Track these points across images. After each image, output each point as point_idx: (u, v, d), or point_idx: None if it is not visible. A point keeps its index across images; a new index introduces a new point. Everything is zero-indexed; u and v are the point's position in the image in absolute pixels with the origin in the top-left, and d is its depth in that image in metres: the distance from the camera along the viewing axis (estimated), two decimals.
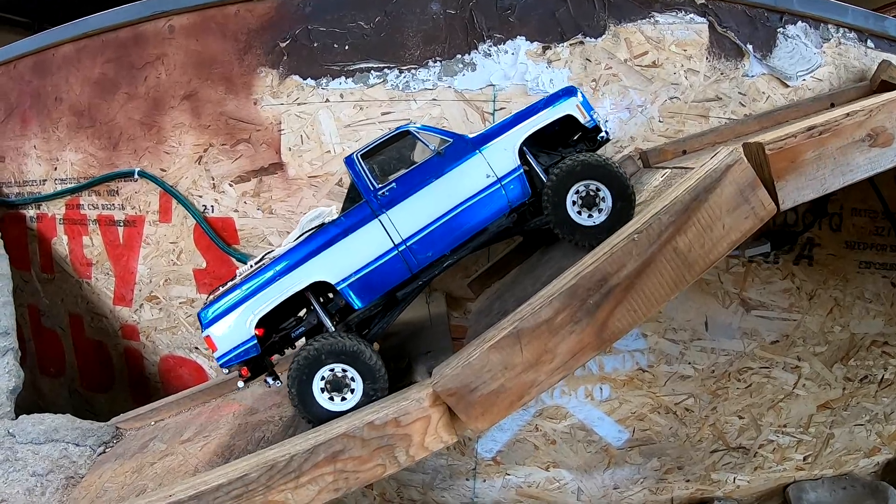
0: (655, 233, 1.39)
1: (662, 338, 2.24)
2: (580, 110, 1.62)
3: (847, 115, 1.48)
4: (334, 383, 1.52)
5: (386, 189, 1.55)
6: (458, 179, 1.56)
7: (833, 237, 2.32)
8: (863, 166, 1.51)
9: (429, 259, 1.57)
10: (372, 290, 1.56)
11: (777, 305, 2.30)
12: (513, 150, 1.57)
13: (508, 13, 2.21)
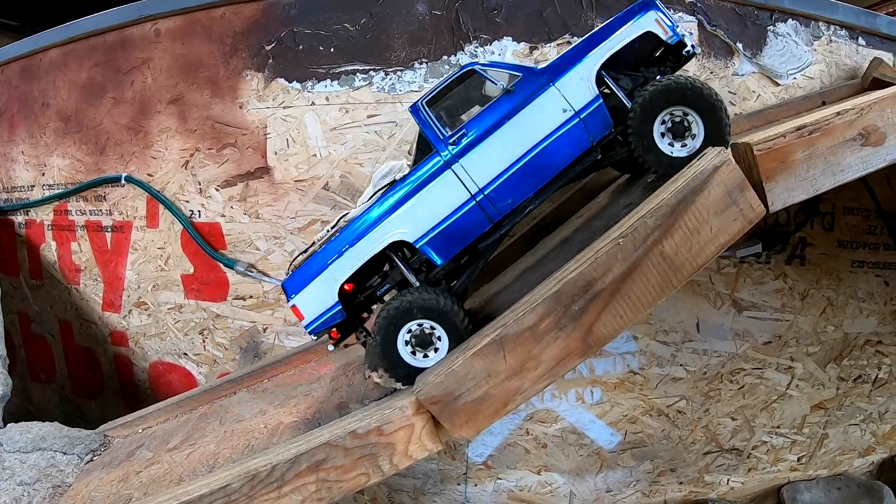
0: (641, 237, 1.37)
1: (654, 340, 2.24)
2: (661, 25, 1.50)
3: (838, 113, 1.47)
4: (420, 339, 1.49)
5: (456, 136, 1.48)
6: (532, 117, 1.47)
7: (825, 236, 2.31)
8: (854, 166, 1.50)
9: (509, 206, 1.50)
10: (452, 245, 1.51)
11: (769, 306, 2.29)
12: (589, 79, 1.47)
13: (495, 13, 2.20)
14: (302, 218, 2.29)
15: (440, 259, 1.51)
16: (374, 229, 1.51)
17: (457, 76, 1.53)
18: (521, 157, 1.47)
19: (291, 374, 2.20)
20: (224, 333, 2.44)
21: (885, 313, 2.49)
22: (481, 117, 1.48)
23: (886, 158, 1.53)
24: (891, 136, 1.52)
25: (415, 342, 1.50)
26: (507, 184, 1.48)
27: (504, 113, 1.47)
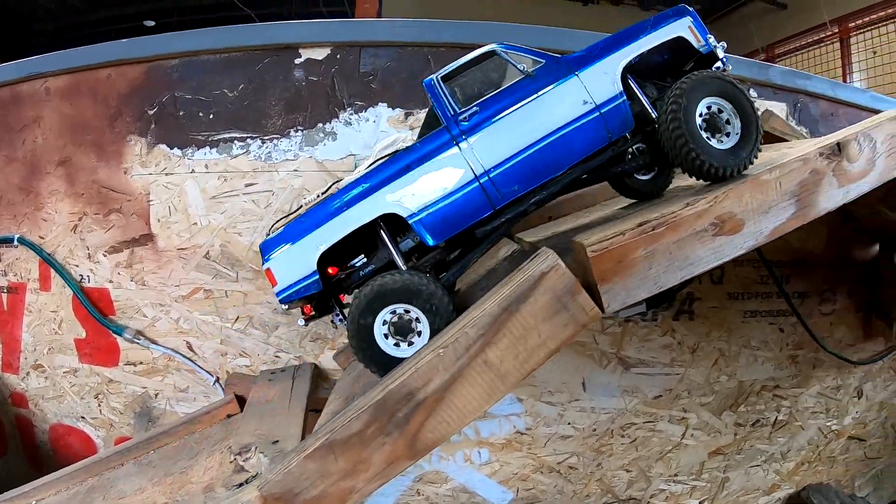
0: (462, 347, 1.37)
1: (539, 401, 2.26)
2: (693, 32, 1.48)
3: (687, 204, 1.42)
4: (399, 326, 1.39)
5: (468, 114, 1.41)
6: (551, 104, 1.41)
7: (714, 290, 2.32)
8: (706, 258, 1.45)
9: (514, 194, 1.42)
10: (447, 227, 1.41)
11: (658, 361, 2.31)
12: (614, 75, 1.43)
13: (370, 79, 2.19)
14: (186, 286, 2.30)
15: (433, 240, 1.41)
16: (368, 198, 1.41)
17: (476, 55, 1.48)
18: (534, 144, 1.41)
19: (176, 445, 2.22)
20: (118, 398, 2.45)
21: (781, 359, 2.51)
22: (497, 98, 1.42)
23: (743, 246, 1.49)
24: (750, 222, 1.51)
25: (393, 329, 1.40)
26: (515, 169, 1.41)
27: (522, 96, 1.41)
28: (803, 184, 1.53)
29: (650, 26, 1.49)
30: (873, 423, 2.87)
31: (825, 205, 1.58)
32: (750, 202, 1.49)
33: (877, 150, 1.62)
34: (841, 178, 1.58)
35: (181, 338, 2.33)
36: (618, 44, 1.46)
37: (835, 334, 2.62)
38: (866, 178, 1.62)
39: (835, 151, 1.56)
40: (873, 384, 2.81)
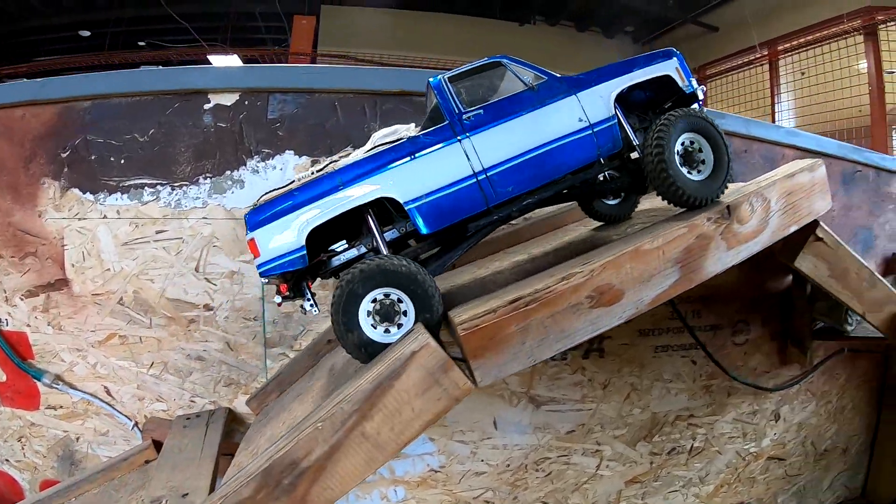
0: (339, 420, 1.41)
1: (451, 440, 2.30)
2: (679, 73, 1.63)
3: (563, 279, 1.45)
4: (384, 311, 1.40)
5: (472, 114, 1.50)
6: (549, 117, 1.53)
7: (624, 328, 2.35)
8: (582, 329, 1.49)
9: (508, 194, 1.50)
10: (442, 216, 1.46)
11: (569, 398, 2.36)
12: (608, 99, 1.57)
13: (277, 126, 2.19)
14: (101, 331, 2.30)
15: (426, 227, 1.46)
16: (367, 179, 1.44)
17: (483, 63, 1.58)
18: (531, 150, 1.51)
19: (96, 492, 2.24)
20: (41, 441, 2.46)
21: (694, 389, 2.57)
22: (501, 104, 1.52)
23: (623, 315, 1.54)
24: (630, 292, 1.53)
25: (378, 315, 1.40)
26: (511, 171, 1.50)
27: (524, 105, 1.52)
28: (689, 250, 1.57)
29: (643, 62, 1.63)
30: (792, 442, 2.95)
31: (713, 268, 1.62)
32: (630, 272, 1.52)
33: (771, 208, 1.67)
34: (730, 241, 1.62)
35: (99, 382, 2.34)
36: (614, 73, 1.59)
37: (749, 363, 2.69)
38: (759, 238, 1.66)
39: (724, 215, 1.60)
40: (790, 407, 2.89)
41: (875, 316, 2.13)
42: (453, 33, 9.73)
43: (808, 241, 1.88)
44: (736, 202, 1.60)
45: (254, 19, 8.92)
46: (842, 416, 3.13)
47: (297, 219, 1.43)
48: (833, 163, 2.95)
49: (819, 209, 1.75)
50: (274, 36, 9.41)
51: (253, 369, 2.26)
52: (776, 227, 1.67)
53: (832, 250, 1.94)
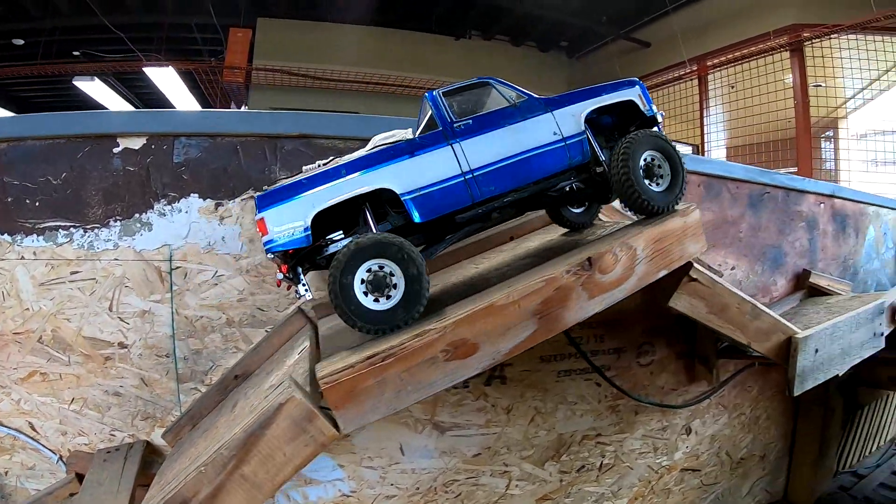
0: (220, 464, 1.51)
1: (360, 466, 2.37)
2: (641, 99, 1.87)
3: (417, 335, 1.52)
4: (376, 281, 1.54)
5: (462, 123, 1.72)
6: (528, 129, 1.75)
7: (525, 355, 2.42)
8: (439, 381, 1.56)
9: (491, 192, 1.70)
10: (433, 208, 1.66)
11: (473, 424, 2.43)
12: (580, 118, 1.80)
13: (182, 170, 2.25)
14: (23, 369, 2.36)
15: (419, 216, 1.64)
16: (370, 171, 1.64)
17: (472, 83, 1.80)
18: (512, 157, 1.73)
19: None
20: None
21: (600, 410, 2.65)
22: (488, 116, 1.75)
23: (479, 367, 1.60)
24: (485, 345, 1.59)
25: (371, 285, 1.54)
26: (494, 173, 1.71)
27: (507, 119, 1.75)
28: (547, 302, 1.63)
29: (610, 89, 1.87)
30: (706, 454, 3.04)
31: (574, 317, 1.69)
32: (484, 327, 1.58)
33: (637, 256, 1.73)
34: (593, 290, 1.68)
35: (24, 418, 2.40)
36: (585, 96, 1.84)
37: (656, 382, 2.77)
38: (624, 285, 1.73)
39: (585, 266, 1.66)
40: (702, 421, 2.97)
41: (762, 345, 2.20)
42: (389, 47, 9.74)
43: (681, 282, 1.94)
44: (598, 254, 1.66)
45: (190, 30, 8.79)
46: (756, 426, 3.23)
47: (302, 202, 1.60)
48: (741, 186, 3.02)
49: (692, 252, 1.81)
50: (210, 47, 9.26)
51: (168, 404, 2.32)
52: (643, 273, 1.73)
53: (708, 289, 2.00)
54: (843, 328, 2.46)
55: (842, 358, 2.47)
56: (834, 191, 3.45)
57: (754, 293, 3.13)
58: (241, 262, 2.27)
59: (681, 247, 1.77)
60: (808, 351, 2.26)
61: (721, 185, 2.94)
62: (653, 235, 1.72)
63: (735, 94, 7.92)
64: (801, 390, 2.28)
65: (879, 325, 2.66)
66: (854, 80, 7.27)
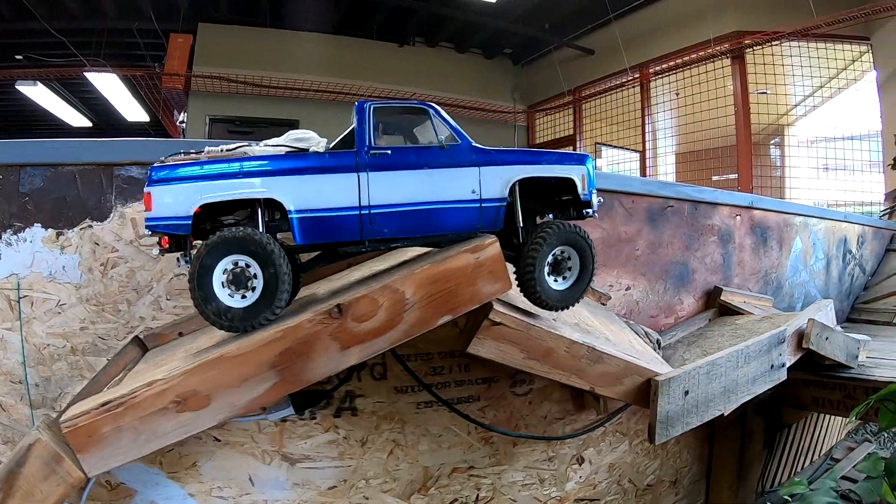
0: None
1: (210, 496, 2.28)
2: (583, 181, 1.69)
3: (147, 385, 1.46)
4: (236, 277, 1.46)
5: (380, 151, 1.55)
6: (446, 179, 1.58)
7: (378, 385, 2.29)
8: (174, 431, 1.49)
9: (382, 234, 1.57)
10: (318, 234, 1.53)
11: (325, 456, 2.30)
12: (507, 183, 1.61)
13: (27, 200, 2.19)
14: None
15: (300, 239, 1.52)
16: (266, 178, 1.51)
17: (412, 105, 1.65)
18: (418, 203, 1.56)
19: None
20: None
21: (471, 442, 2.47)
22: (408, 151, 1.58)
23: (216, 419, 1.51)
24: (218, 397, 1.50)
25: (231, 279, 1.47)
26: (394, 216, 1.56)
27: (428, 160, 1.57)
28: (287, 353, 1.49)
29: (554, 159, 1.68)
30: (605, 482, 2.81)
31: (324, 370, 1.55)
32: (215, 379, 1.48)
33: (407, 301, 1.55)
34: (346, 341, 1.53)
35: None
36: (522, 160, 1.64)
37: (537, 411, 2.56)
38: (389, 335, 1.56)
39: (333, 314, 1.50)
40: (596, 449, 2.74)
41: (611, 389, 1.96)
42: (331, 54, 9.42)
43: (480, 326, 1.70)
44: (351, 300, 1.50)
45: (132, 35, 8.48)
46: (664, 451, 2.96)
47: (192, 191, 1.48)
48: (637, 200, 2.74)
49: (488, 293, 1.61)
50: (153, 53, 8.92)
51: (24, 429, 2.29)
52: (416, 320, 1.55)
53: (519, 332, 1.74)
54: (726, 365, 2.18)
55: (725, 397, 2.19)
56: (752, 202, 3.10)
57: (656, 314, 2.85)
58: (82, 291, 2.21)
59: (471, 288, 1.57)
60: (672, 394, 2.01)
61: (613, 200, 2.68)
62: (427, 277, 1.53)
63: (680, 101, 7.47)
64: (667, 437, 2.03)
65: (779, 355, 2.35)
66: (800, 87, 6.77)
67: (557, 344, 1.81)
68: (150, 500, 2.26)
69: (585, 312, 2.30)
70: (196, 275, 1.45)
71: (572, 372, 1.86)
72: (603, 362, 1.90)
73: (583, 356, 1.85)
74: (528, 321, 1.75)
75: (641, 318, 2.85)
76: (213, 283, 1.46)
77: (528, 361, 1.79)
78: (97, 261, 2.18)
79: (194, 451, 2.24)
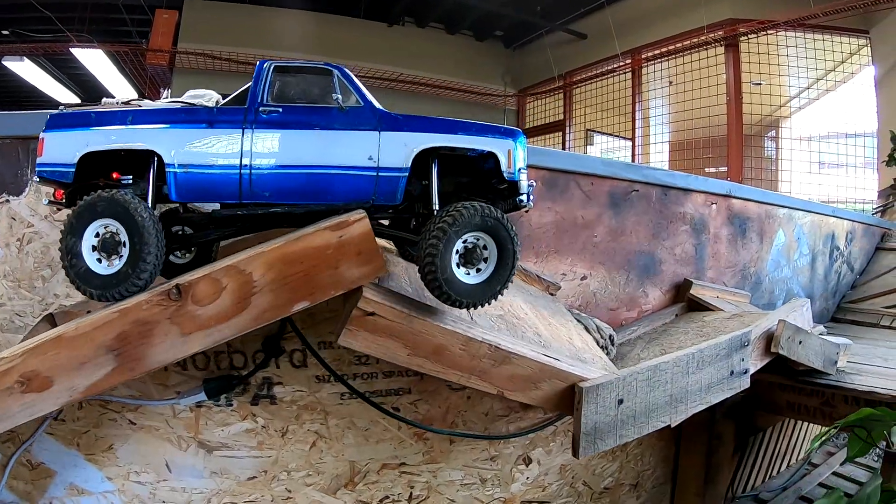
0: None
1: (128, 480, 2.10)
2: (509, 157, 1.43)
3: None
4: (105, 244, 1.34)
5: (270, 110, 1.41)
6: (341, 142, 1.41)
7: (297, 373, 2.09)
8: (21, 412, 1.34)
9: (263, 198, 1.40)
10: (194, 191, 1.40)
11: (243, 445, 2.10)
12: (410, 150, 1.40)
13: None
14: None
15: (174, 195, 1.39)
16: (149, 127, 1.39)
17: (315, 66, 1.49)
18: (307, 167, 1.39)
19: None
20: None
21: (402, 437, 2.25)
22: (302, 111, 1.42)
23: (58, 402, 1.35)
24: (61, 379, 1.33)
25: (101, 246, 1.34)
26: (277, 177, 1.39)
27: (324, 122, 1.41)
28: (123, 336, 1.31)
29: (474, 130, 1.45)
30: (556, 484, 2.57)
31: (165, 356, 1.35)
32: (56, 360, 1.30)
33: (254, 284, 1.35)
34: (187, 326, 1.33)
35: None
36: (433, 128, 1.43)
37: (477, 408, 2.33)
38: (235, 321, 1.35)
39: (172, 296, 1.31)
40: (545, 449, 2.50)
41: (526, 395, 1.69)
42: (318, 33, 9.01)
43: (351, 315, 1.43)
44: (191, 281, 1.30)
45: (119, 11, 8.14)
46: (624, 454, 2.70)
47: (79, 138, 1.40)
48: (597, 182, 2.49)
49: (354, 277, 1.40)
50: (139, 28, 8.55)
51: None
52: (267, 305, 1.34)
53: (400, 325, 1.46)
54: (672, 370, 1.91)
55: (671, 407, 1.92)
56: (730, 190, 2.82)
57: (616, 306, 2.60)
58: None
59: (333, 271, 1.35)
60: (602, 403, 1.74)
61: (569, 181, 2.43)
62: (280, 256, 1.32)
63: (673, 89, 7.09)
64: (593, 451, 1.76)
65: (740, 360, 2.08)
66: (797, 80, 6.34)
67: (449, 340, 1.52)
68: (69, 482, 2.09)
69: (520, 302, 2.06)
70: (65, 236, 1.32)
71: (472, 373, 1.58)
72: (511, 363, 1.61)
73: (484, 356, 1.57)
74: (410, 312, 1.46)
75: (599, 312, 2.60)
76: (83, 246, 1.33)
77: (414, 359, 1.51)
78: (13, 236, 2.02)
79: (110, 434, 2.07)
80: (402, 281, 1.70)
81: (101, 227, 1.34)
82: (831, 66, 6.47)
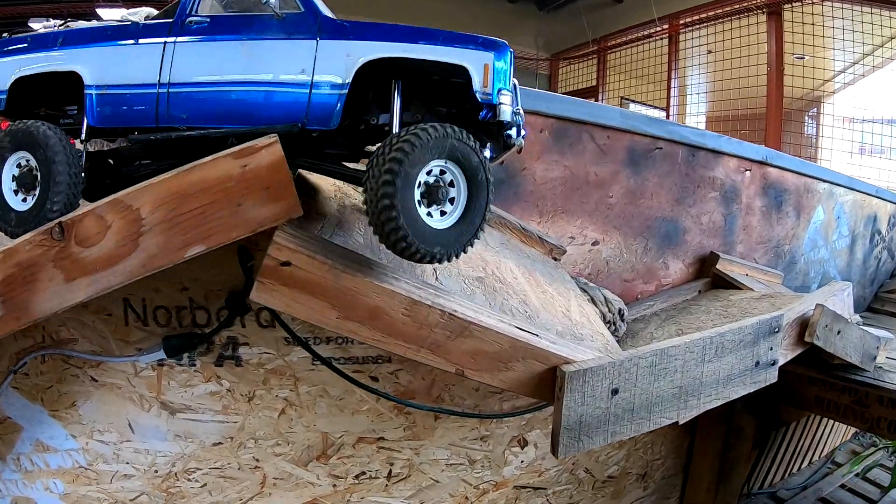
0: None
1: (91, 439, 1.92)
2: (485, 72, 1.09)
3: None
4: (23, 177, 1.17)
5: (198, 20, 1.19)
6: (269, 53, 1.16)
7: (265, 334, 1.82)
8: None
9: (180, 121, 1.18)
10: (111, 115, 1.20)
11: (208, 408, 1.87)
12: (352, 63, 1.11)
13: None
14: None
15: (92, 119, 1.21)
16: (72, 49, 1.23)
17: None
18: (228, 84, 1.16)
19: None
20: None
21: (381, 410, 1.96)
22: (231, 19, 1.19)
23: None
24: None
25: (19, 178, 1.18)
26: (195, 97, 1.16)
27: (254, 31, 1.16)
28: (8, 281, 1.07)
29: (441, 40, 1.12)
30: (555, 469, 2.23)
31: (49, 305, 1.10)
32: None
33: (142, 223, 1.07)
34: (70, 271, 1.08)
35: None
36: (385, 35, 1.12)
37: (467, 381, 2.01)
38: (121, 265, 1.08)
39: (55, 235, 1.05)
40: (544, 432, 2.19)
41: (493, 375, 1.34)
42: None
43: (262, 265, 1.12)
44: (74, 218, 1.03)
45: None
46: (632, 441, 2.32)
47: (12, 64, 1.28)
48: (614, 136, 2.07)
49: (262, 217, 1.09)
50: None
51: None
52: (158, 249, 1.06)
53: (328, 280, 1.13)
54: (684, 357, 1.51)
55: (680, 400, 1.53)
56: (767, 156, 2.33)
57: (631, 277, 2.19)
58: None
59: (235, 209, 1.05)
60: (591, 392, 1.36)
61: (581, 132, 2.02)
62: (171, 190, 1.02)
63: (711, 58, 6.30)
64: (576, 450, 1.38)
65: (769, 349, 1.66)
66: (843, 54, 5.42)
67: (388, 302, 1.18)
68: (35, 438, 1.93)
69: (510, 265, 1.70)
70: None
71: (421, 345, 1.25)
72: (472, 336, 1.27)
73: (436, 324, 1.23)
74: (335, 264, 1.13)
75: (611, 282, 2.20)
76: (3, 179, 1.17)
77: (345, 323, 1.19)
78: None
79: (73, 390, 1.88)
80: (355, 233, 1.38)
81: (22, 159, 1.17)
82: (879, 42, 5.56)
